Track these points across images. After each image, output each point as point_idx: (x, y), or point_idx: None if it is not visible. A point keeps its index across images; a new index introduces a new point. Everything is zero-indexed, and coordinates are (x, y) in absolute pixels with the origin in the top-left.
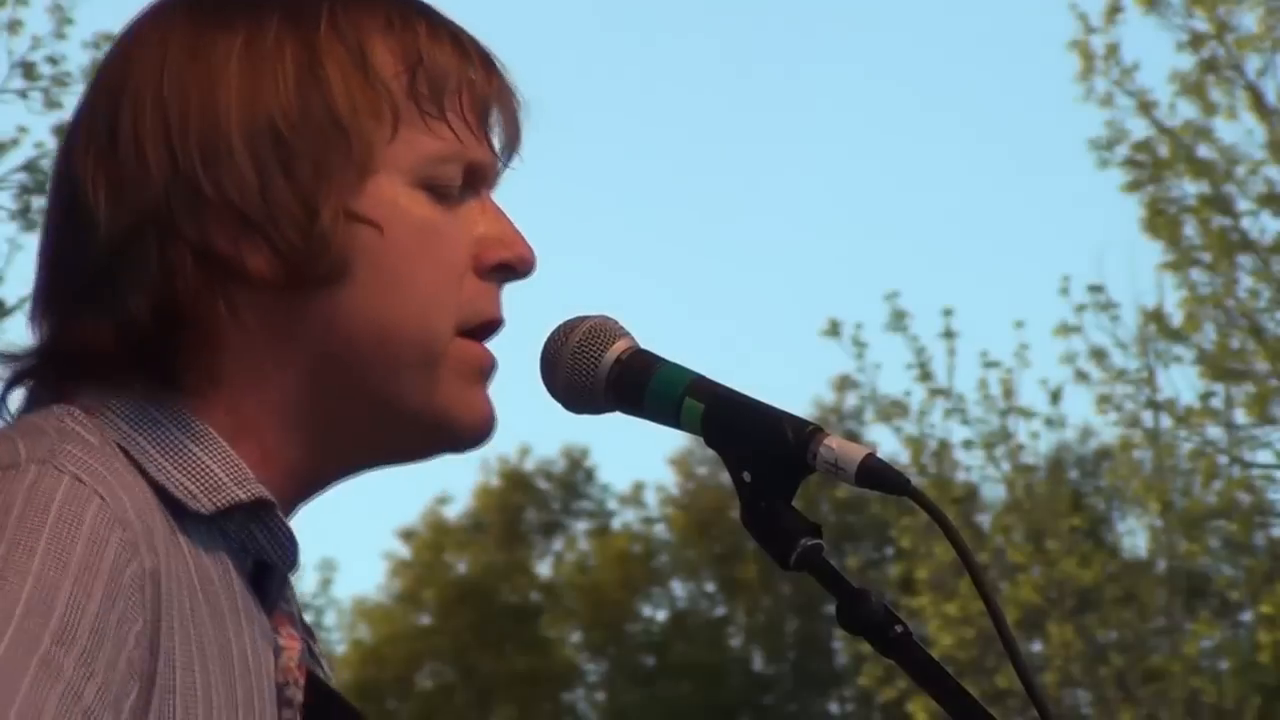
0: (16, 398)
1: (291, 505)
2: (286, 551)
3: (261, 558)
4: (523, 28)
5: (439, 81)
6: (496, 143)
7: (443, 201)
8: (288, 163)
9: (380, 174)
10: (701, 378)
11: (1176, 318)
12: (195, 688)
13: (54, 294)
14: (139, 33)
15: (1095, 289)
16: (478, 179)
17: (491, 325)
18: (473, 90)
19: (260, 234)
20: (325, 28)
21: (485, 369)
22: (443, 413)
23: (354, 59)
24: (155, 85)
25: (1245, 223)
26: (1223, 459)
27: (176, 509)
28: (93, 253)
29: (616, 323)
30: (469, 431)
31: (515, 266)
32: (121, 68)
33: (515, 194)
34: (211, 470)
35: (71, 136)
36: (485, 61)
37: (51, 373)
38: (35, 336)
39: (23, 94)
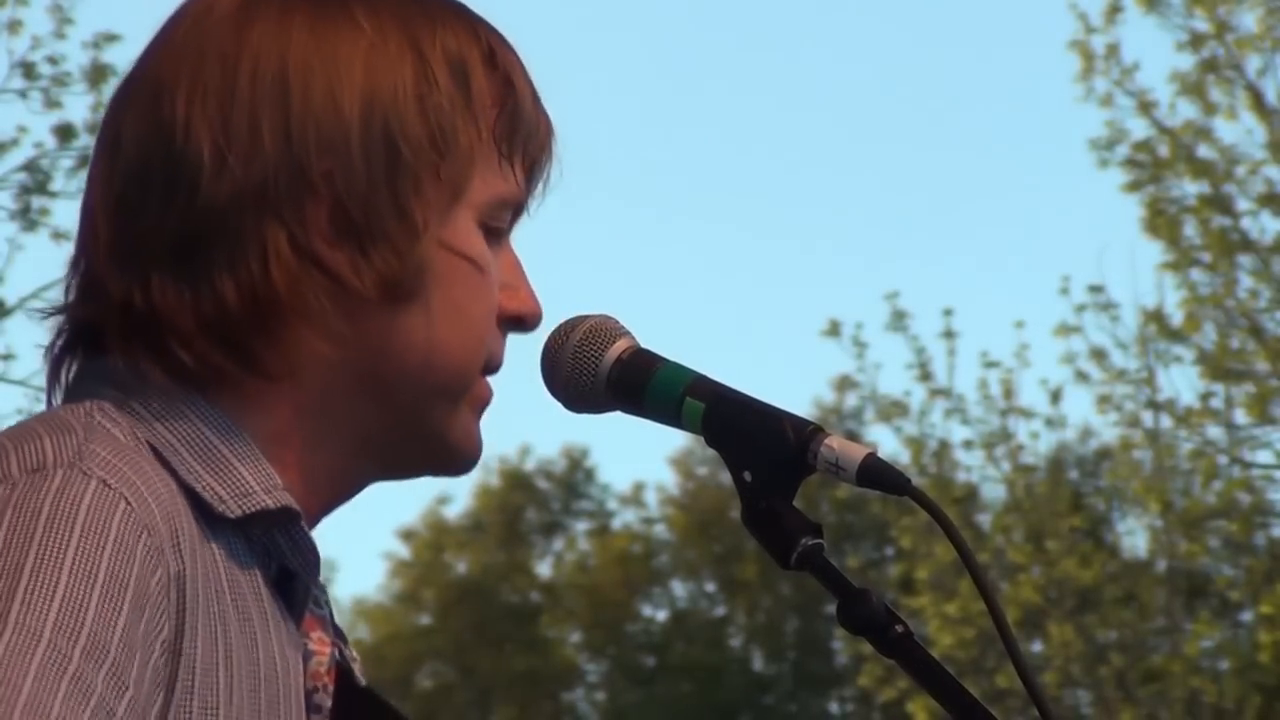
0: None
1: (314, 518)
2: (308, 562)
3: (284, 564)
4: (523, 22)
5: (518, 124)
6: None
7: (491, 243)
8: (394, 172)
9: (462, 206)
10: (702, 377)
11: (1176, 318)
12: (216, 690)
13: (125, 247)
14: (247, 3)
15: (1095, 289)
16: (511, 224)
17: (496, 370)
18: (536, 136)
19: (355, 240)
20: (439, 47)
21: (486, 403)
22: (454, 441)
23: (459, 86)
24: (278, 63)
25: (1245, 223)
26: (1223, 459)
27: (204, 511)
28: (184, 216)
29: (617, 322)
30: (466, 461)
31: (525, 320)
32: (233, 36)
33: None
34: (241, 475)
35: (160, 84)
36: (543, 108)
37: (116, 338)
38: (82, 287)
39: (23, 94)
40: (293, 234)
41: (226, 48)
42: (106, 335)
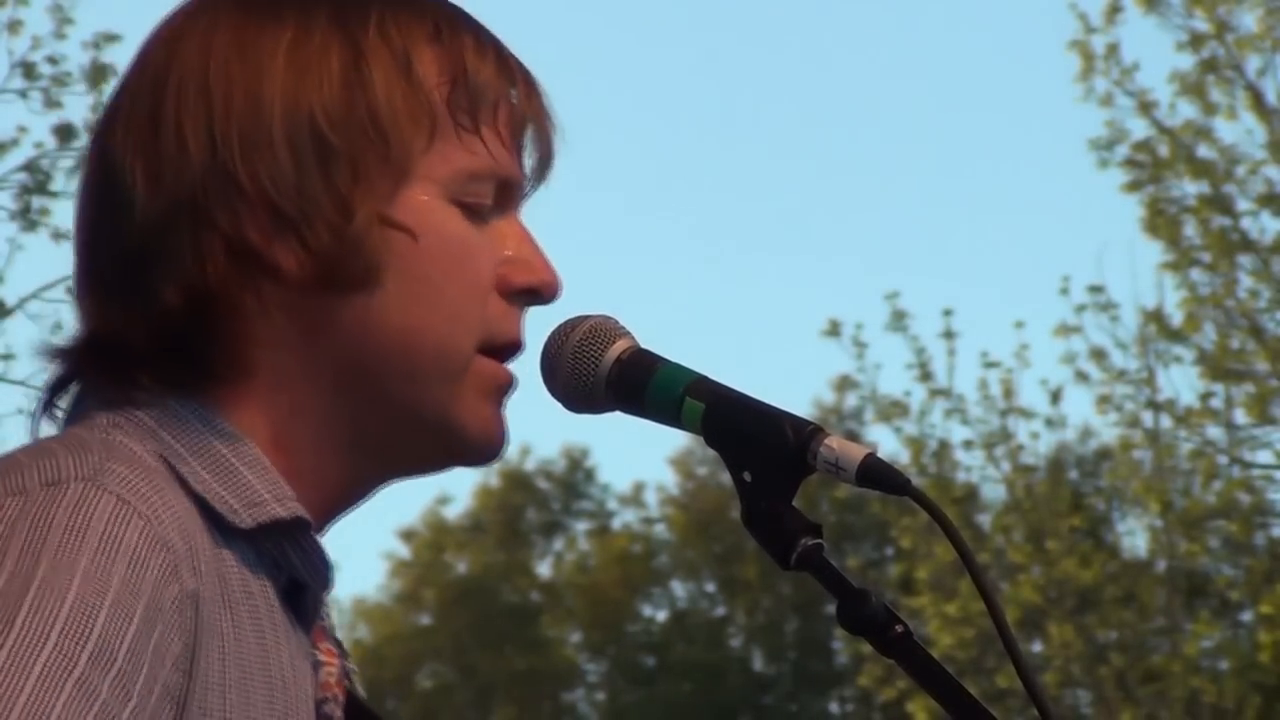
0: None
1: (321, 524)
2: (319, 572)
3: (295, 576)
4: (523, 26)
5: (479, 96)
6: (528, 164)
7: (473, 218)
8: (326, 161)
9: (415, 183)
10: (702, 377)
11: (1176, 318)
12: (228, 709)
13: (90, 280)
14: (184, 21)
15: (1095, 289)
16: (507, 198)
17: (512, 347)
18: (511, 108)
19: (293, 231)
20: (373, 30)
21: (502, 386)
22: (458, 426)
23: (399, 64)
24: (200, 74)
25: (1245, 223)
26: (1223, 459)
27: (216, 522)
28: (127, 238)
29: (617, 322)
30: (480, 447)
31: (540, 292)
32: (165, 55)
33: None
34: (253, 485)
35: (108, 120)
36: (526, 81)
37: (93, 366)
38: (78, 322)
39: (23, 94)
40: (226, 235)
41: (158, 70)
42: (80, 366)
